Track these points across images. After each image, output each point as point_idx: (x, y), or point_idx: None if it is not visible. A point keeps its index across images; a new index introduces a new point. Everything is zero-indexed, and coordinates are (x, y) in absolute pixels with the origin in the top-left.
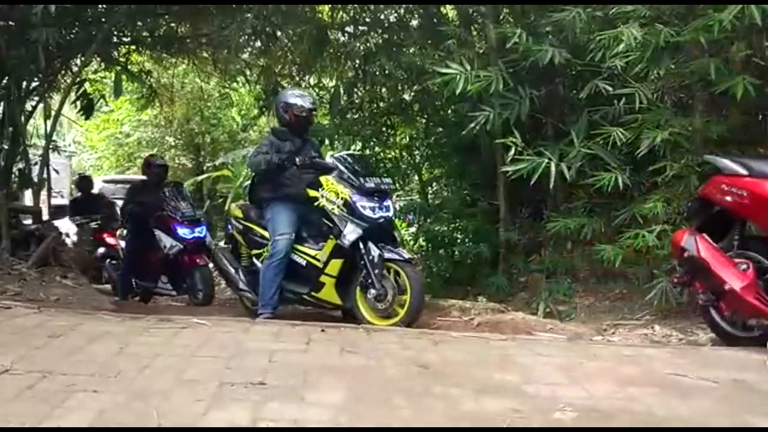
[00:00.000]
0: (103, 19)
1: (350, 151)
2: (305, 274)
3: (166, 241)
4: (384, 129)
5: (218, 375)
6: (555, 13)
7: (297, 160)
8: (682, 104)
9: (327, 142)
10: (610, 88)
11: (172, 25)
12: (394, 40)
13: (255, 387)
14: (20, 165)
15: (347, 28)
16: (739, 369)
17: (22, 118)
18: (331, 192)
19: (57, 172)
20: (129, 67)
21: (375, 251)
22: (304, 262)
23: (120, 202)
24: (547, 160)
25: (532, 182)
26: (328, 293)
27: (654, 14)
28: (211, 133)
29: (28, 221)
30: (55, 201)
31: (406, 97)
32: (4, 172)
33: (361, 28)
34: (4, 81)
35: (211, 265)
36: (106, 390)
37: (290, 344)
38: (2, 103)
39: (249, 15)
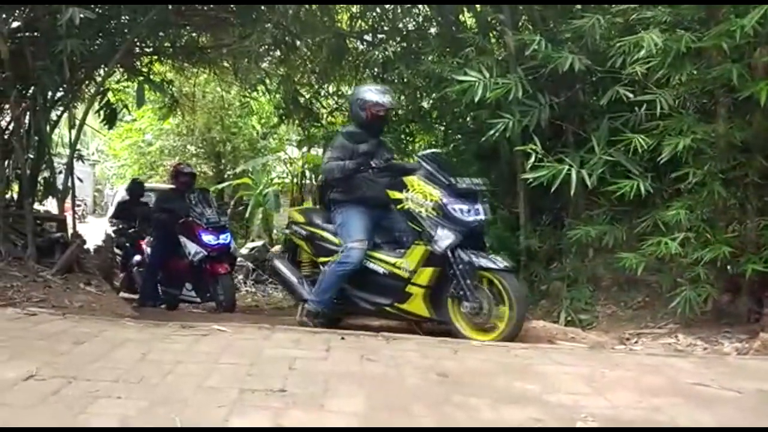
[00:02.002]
0: (126, 30)
1: (434, 150)
2: (386, 284)
3: (191, 247)
4: (403, 136)
5: (239, 382)
6: (574, 20)
7: (373, 163)
8: (704, 110)
9: None
10: (630, 95)
11: (194, 35)
12: (412, 48)
13: (275, 394)
14: (45, 174)
15: (366, 37)
16: (764, 379)
17: (48, 128)
18: (419, 193)
19: (81, 180)
20: (151, 77)
21: (466, 258)
22: (382, 271)
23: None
24: (567, 167)
25: (552, 189)
26: (416, 305)
27: (675, 20)
28: (232, 142)
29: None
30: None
31: (425, 104)
32: (29, 180)
33: (379, 36)
34: (30, 91)
35: (240, 275)
36: (129, 396)
37: (310, 351)
38: (28, 113)
39: (269, 25)
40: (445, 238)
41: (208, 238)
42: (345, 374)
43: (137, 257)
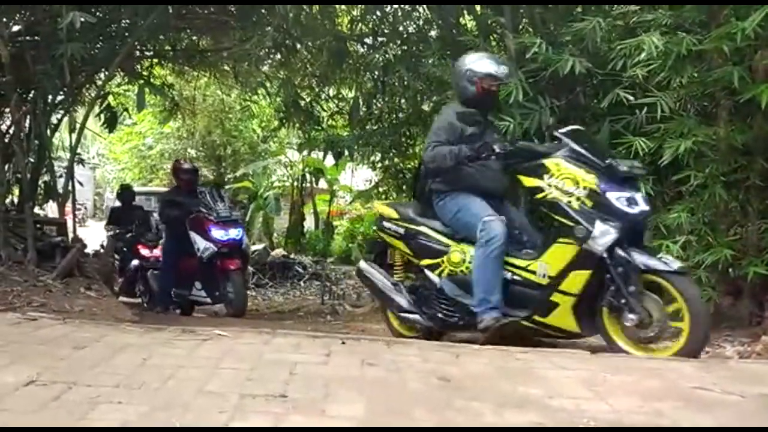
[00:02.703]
0: (127, 34)
1: (576, 126)
2: (516, 293)
3: (200, 243)
4: (403, 140)
5: (240, 387)
6: (575, 23)
7: (497, 148)
8: (705, 113)
9: (346, 152)
10: (631, 98)
11: (194, 38)
12: (413, 51)
13: (276, 399)
14: (46, 177)
15: (366, 40)
16: (766, 382)
17: (48, 132)
18: (567, 179)
19: (81, 184)
20: (152, 80)
21: (628, 259)
22: (510, 276)
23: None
24: None
25: None
26: (562, 318)
27: (675, 22)
28: (232, 145)
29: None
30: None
31: (425, 107)
32: (30, 184)
33: (380, 39)
34: (31, 95)
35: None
36: (130, 401)
37: (311, 356)
38: (29, 117)
39: (269, 28)
40: (604, 234)
41: (218, 233)
42: (346, 379)
43: (135, 261)
